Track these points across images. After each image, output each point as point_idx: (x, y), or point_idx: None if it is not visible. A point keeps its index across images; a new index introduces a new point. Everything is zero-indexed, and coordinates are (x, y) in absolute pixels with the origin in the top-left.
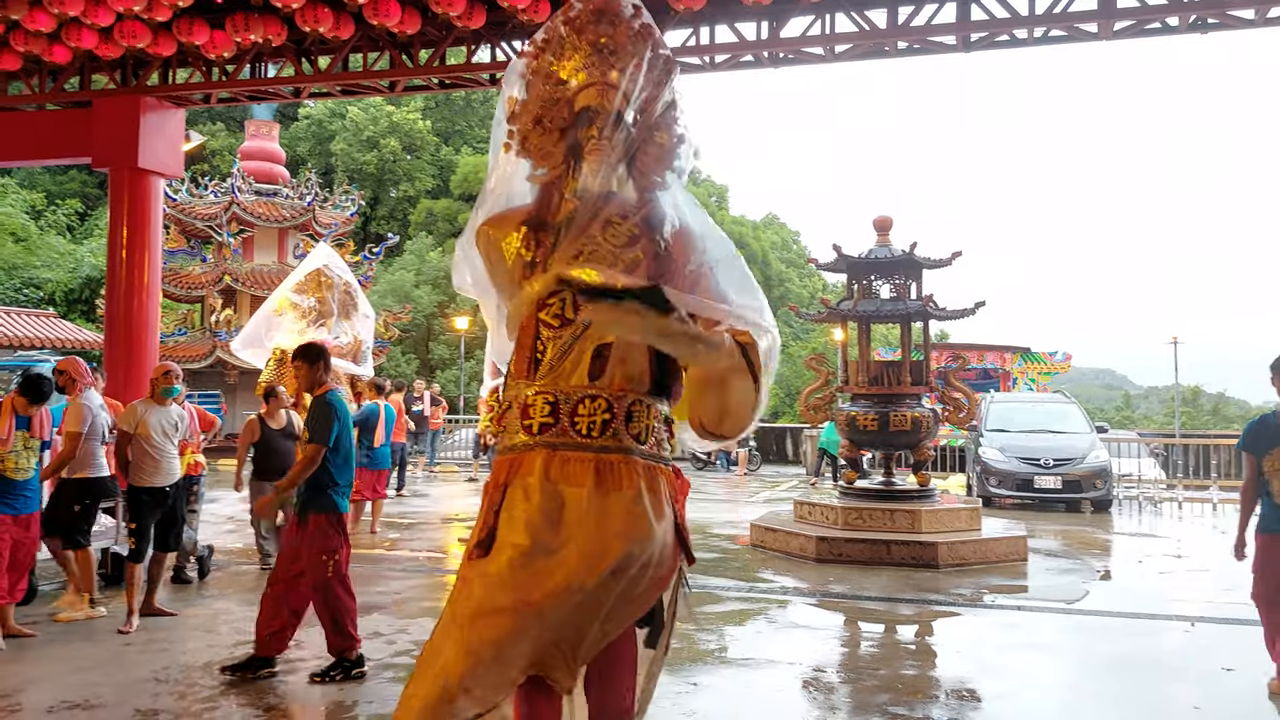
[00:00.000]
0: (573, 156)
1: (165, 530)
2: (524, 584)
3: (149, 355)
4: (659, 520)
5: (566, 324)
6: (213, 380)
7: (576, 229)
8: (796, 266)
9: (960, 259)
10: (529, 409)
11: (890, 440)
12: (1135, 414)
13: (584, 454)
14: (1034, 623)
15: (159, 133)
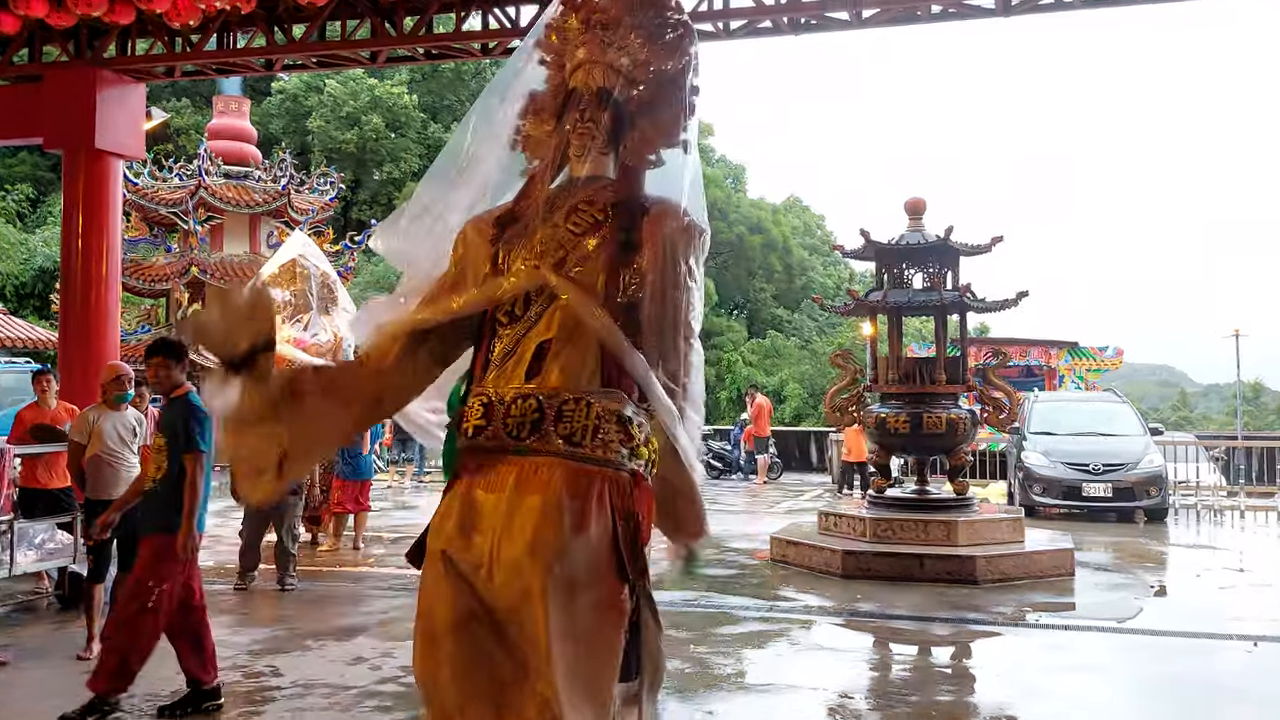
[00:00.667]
0: (563, 145)
1: (130, 547)
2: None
3: (108, 355)
4: (578, 530)
5: (515, 321)
6: None
7: (544, 219)
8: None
9: (1001, 245)
10: (469, 412)
11: (923, 444)
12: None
13: (509, 457)
14: (1082, 643)
15: (117, 110)
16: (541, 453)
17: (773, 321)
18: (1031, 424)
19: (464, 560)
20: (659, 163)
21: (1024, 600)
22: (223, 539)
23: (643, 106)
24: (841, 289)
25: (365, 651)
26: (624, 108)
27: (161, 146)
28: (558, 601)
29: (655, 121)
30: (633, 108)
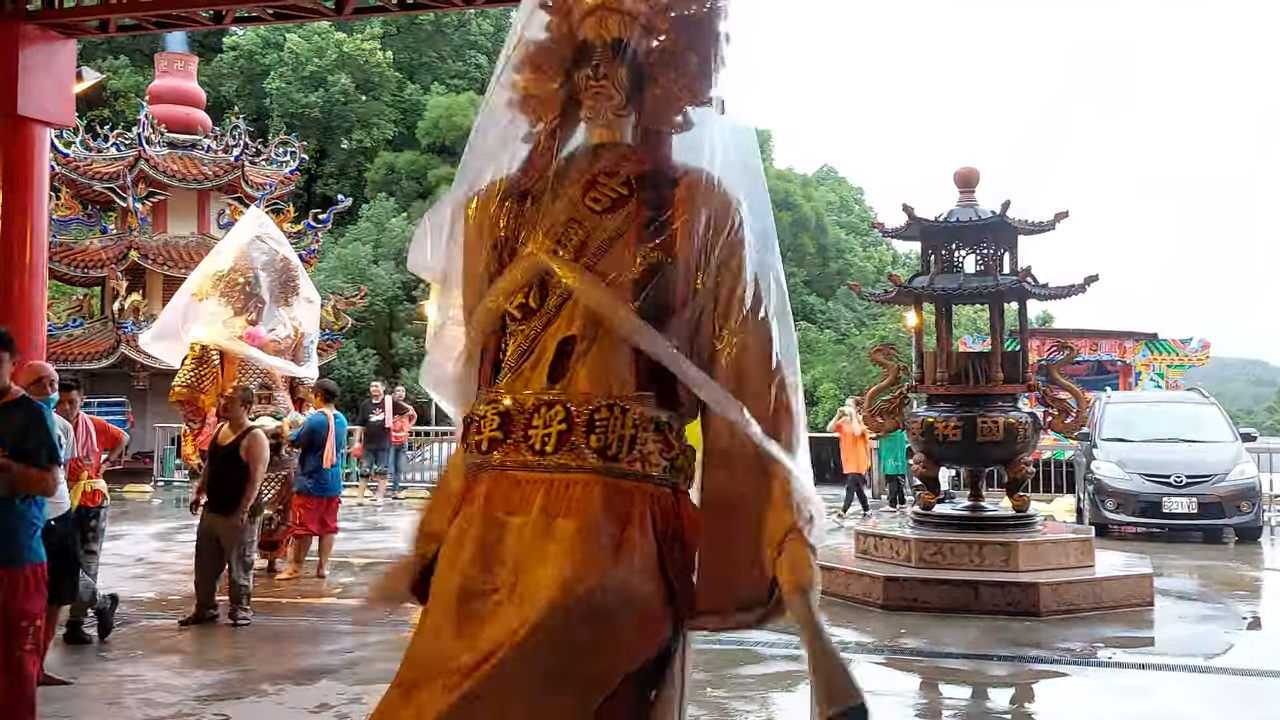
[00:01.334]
0: (571, 105)
1: (56, 577)
2: (447, 648)
3: (33, 353)
4: (619, 556)
5: (531, 314)
6: (117, 383)
7: (559, 194)
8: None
9: (1066, 221)
10: (480, 423)
11: (977, 453)
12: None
13: (534, 474)
14: (1162, 685)
15: (43, 70)
16: (572, 469)
17: (804, 311)
18: (1103, 429)
19: (482, 595)
20: (687, 125)
21: (1095, 635)
22: (165, 565)
23: (665, 59)
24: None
25: (330, 697)
26: (643, 61)
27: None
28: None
29: (681, 76)
30: (653, 61)
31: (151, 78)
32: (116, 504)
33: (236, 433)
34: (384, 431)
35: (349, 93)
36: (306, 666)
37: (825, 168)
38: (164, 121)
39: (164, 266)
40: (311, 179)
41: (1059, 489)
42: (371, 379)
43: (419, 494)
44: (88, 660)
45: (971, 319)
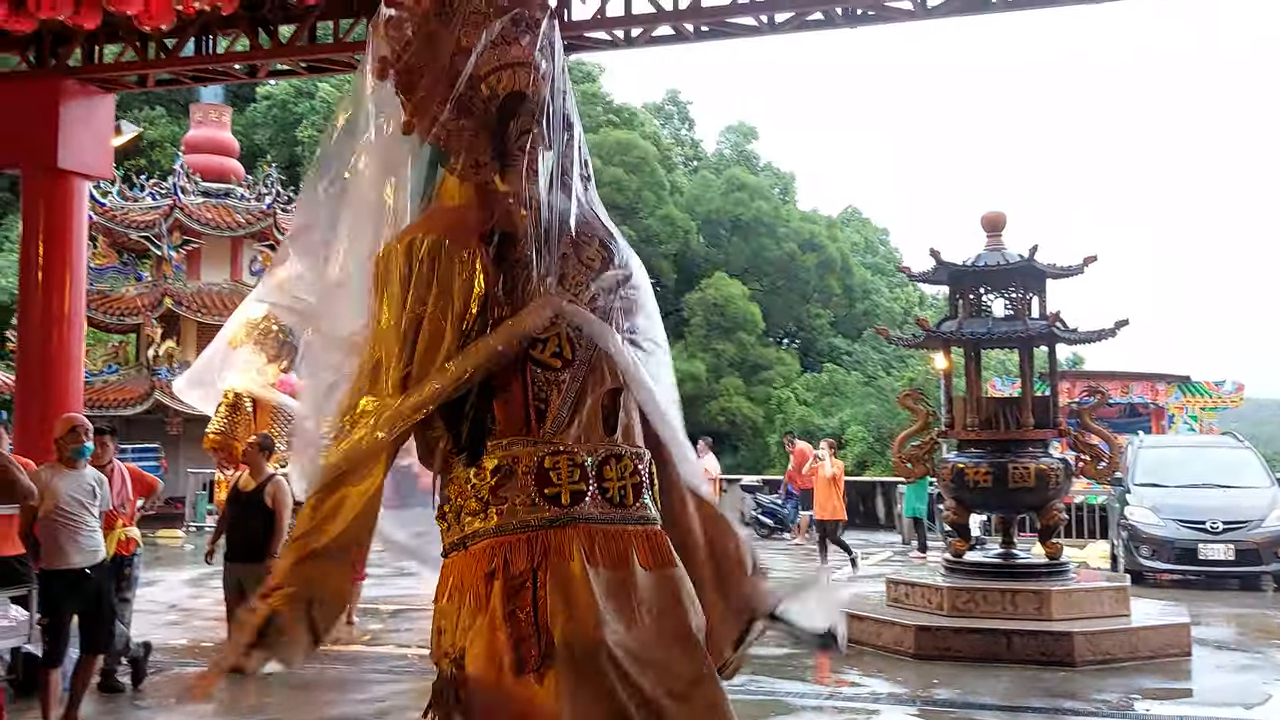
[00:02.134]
0: (498, 154)
1: (91, 626)
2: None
3: (71, 399)
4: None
5: (568, 365)
6: (151, 430)
7: (551, 247)
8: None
9: (1095, 265)
10: (549, 474)
11: (1009, 500)
12: None
13: (624, 528)
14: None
15: (83, 124)
16: (650, 520)
17: (830, 353)
18: (1136, 474)
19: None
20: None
21: (1131, 685)
22: (197, 612)
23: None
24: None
25: None
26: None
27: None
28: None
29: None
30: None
31: (186, 128)
32: (149, 550)
33: (258, 480)
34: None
35: None
36: (336, 715)
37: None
38: (199, 170)
39: (198, 313)
40: None
41: (1092, 535)
42: None
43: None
44: (121, 709)
45: (1001, 361)
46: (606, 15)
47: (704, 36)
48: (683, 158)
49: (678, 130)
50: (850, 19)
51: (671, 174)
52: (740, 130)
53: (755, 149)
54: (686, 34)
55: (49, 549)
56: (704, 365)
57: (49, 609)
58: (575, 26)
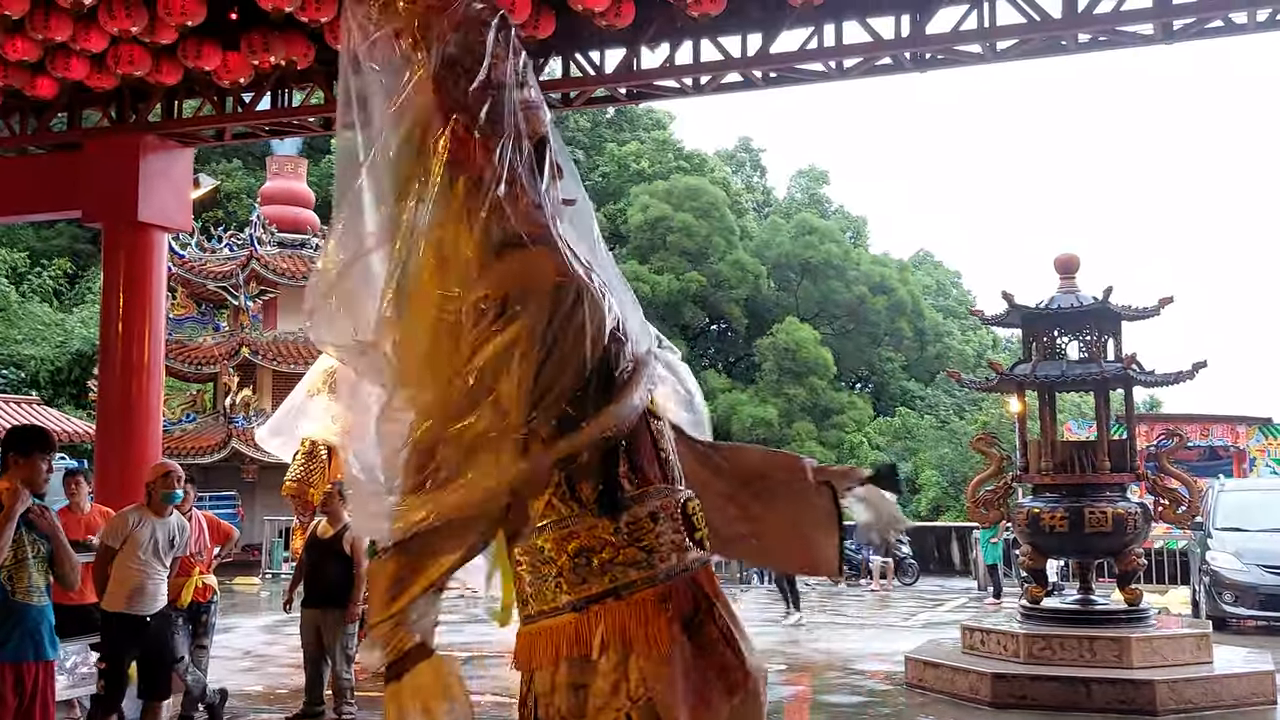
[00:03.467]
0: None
1: (152, 671)
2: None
3: (150, 448)
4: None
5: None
6: (228, 477)
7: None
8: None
9: (1171, 306)
10: (693, 519)
11: (1086, 545)
12: None
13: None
14: None
15: (163, 178)
16: (709, 558)
17: (903, 397)
18: (1217, 518)
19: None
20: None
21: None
22: (273, 658)
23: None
24: (983, 358)
25: None
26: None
27: (210, 214)
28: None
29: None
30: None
31: (263, 180)
32: (225, 597)
33: (336, 527)
34: None
35: None
36: None
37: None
38: (275, 221)
39: (274, 362)
40: None
41: (1173, 580)
42: None
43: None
44: None
45: (1076, 404)
46: (675, 63)
47: (773, 83)
48: (753, 203)
49: (749, 177)
50: (919, 64)
51: (742, 219)
52: (811, 175)
53: (826, 193)
54: (755, 81)
55: (116, 591)
56: (776, 410)
57: (110, 654)
58: (645, 75)
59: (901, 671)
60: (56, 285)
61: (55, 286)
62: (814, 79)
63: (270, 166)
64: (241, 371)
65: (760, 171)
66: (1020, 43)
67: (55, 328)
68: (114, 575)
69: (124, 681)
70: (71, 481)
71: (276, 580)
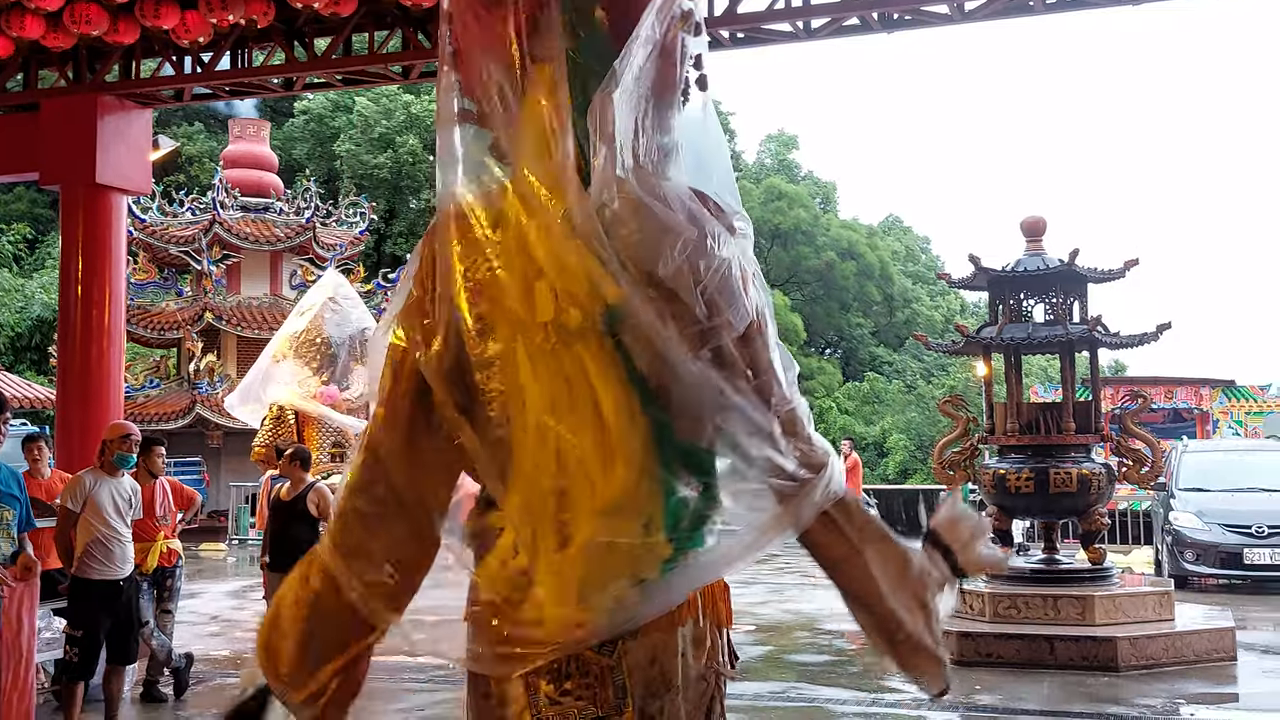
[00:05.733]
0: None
1: (123, 636)
2: None
3: (111, 413)
4: None
5: None
6: (192, 443)
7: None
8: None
9: (1136, 268)
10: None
11: (1051, 505)
12: None
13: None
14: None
15: (121, 139)
16: None
17: (872, 362)
18: (1180, 479)
19: None
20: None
21: (1176, 691)
22: (239, 623)
23: None
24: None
25: None
26: None
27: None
28: None
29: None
30: None
31: (225, 143)
32: (191, 562)
33: (298, 489)
34: None
35: (417, 153)
36: None
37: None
38: (237, 185)
39: (238, 327)
40: (381, 239)
41: (1136, 540)
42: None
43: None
44: (162, 718)
45: (1043, 367)
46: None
47: (740, 44)
48: None
49: None
50: (887, 24)
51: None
52: (780, 139)
53: (796, 158)
54: (722, 41)
55: (86, 558)
56: None
57: (85, 621)
58: None
59: None
60: (16, 250)
61: (15, 252)
62: (781, 39)
63: (232, 129)
64: (205, 337)
65: (729, 135)
66: (988, 3)
67: (15, 293)
68: (80, 540)
69: (98, 648)
70: (33, 447)
71: (243, 546)
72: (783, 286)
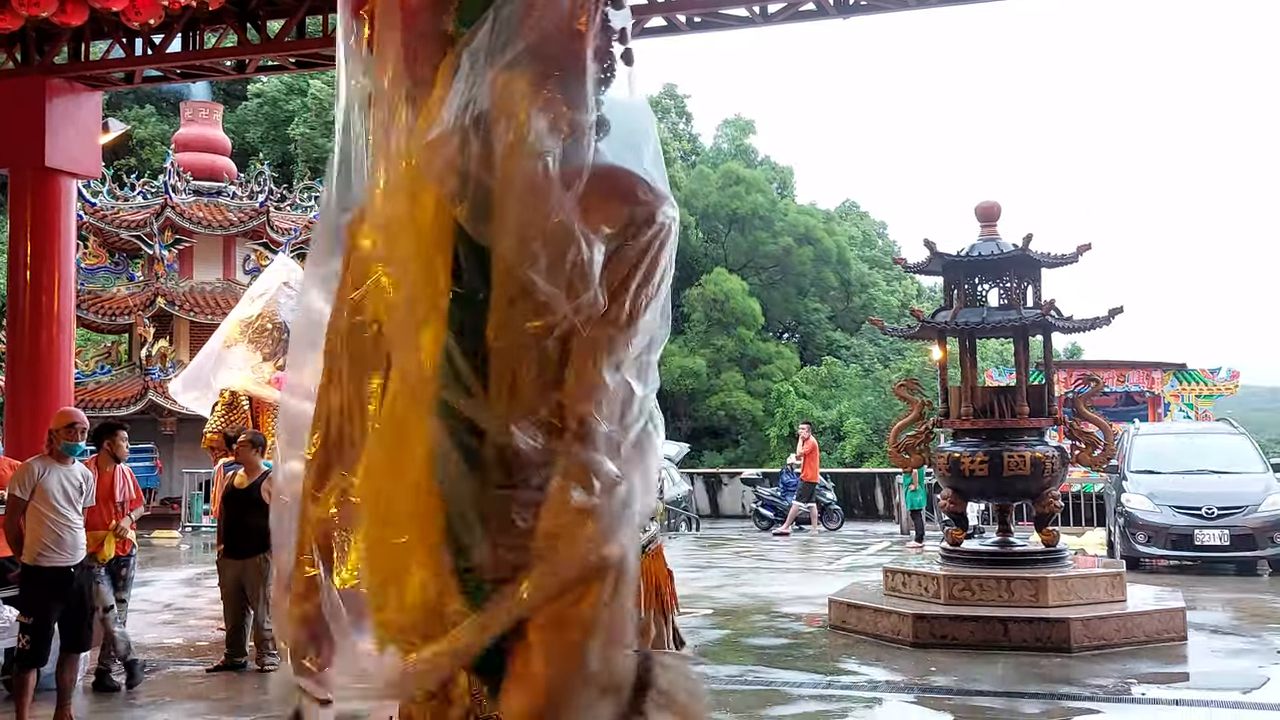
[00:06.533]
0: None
1: (75, 624)
2: None
3: (61, 400)
4: None
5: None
6: (145, 430)
7: None
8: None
9: (1089, 253)
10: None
11: (1005, 488)
12: None
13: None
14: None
15: (70, 122)
16: None
17: (829, 346)
18: (1132, 461)
19: None
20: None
21: (1127, 670)
22: (193, 611)
23: None
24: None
25: None
26: None
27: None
28: None
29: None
30: None
31: (177, 126)
32: (144, 550)
33: (253, 476)
34: None
35: None
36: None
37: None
38: (190, 169)
39: (190, 312)
40: None
41: (1089, 522)
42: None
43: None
44: (116, 707)
45: (998, 351)
46: None
47: (696, 28)
48: (680, 152)
49: (675, 124)
50: (843, 9)
51: (670, 168)
52: (738, 124)
53: (753, 143)
54: (678, 25)
55: (36, 546)
56: (704, 360)
57: (36, 608)
58: None
59: (825, 614)
60: None
61: None
62: (738, 24)
63: (184, 112)
64: (157, 322)
65: (686, 119)
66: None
67: None
68: (30, 528)
69: (50, 635)
70: None
71: (197, 533)
72: (740, 271)
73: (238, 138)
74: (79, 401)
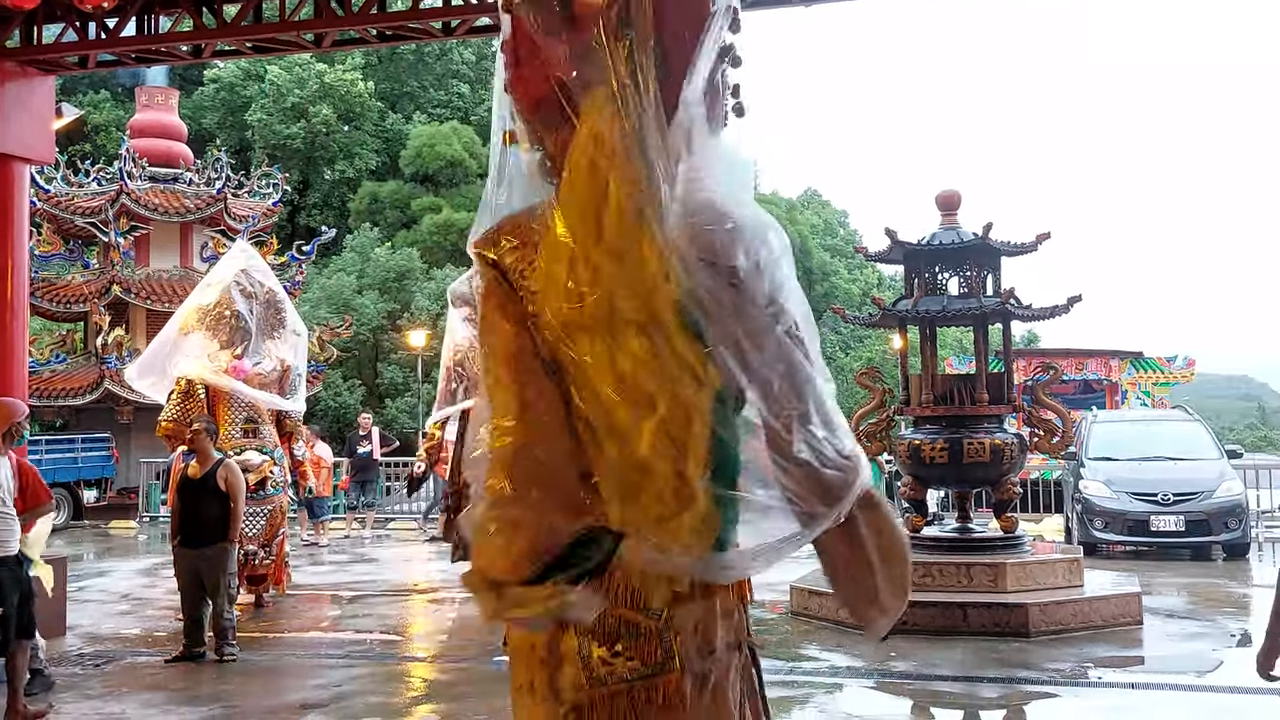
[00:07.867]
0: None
1: (22, 611)
2: None
3: (14, 389)
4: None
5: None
6: (101, 419)
7: None
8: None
9: (1049, 242)
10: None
11: (964, 475)
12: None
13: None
14: (1153, 704)
15: (22, 107)
16: None
17: None
18: (1090, 448)
19: None
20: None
21: (1084, 654)
22: (150, 601)
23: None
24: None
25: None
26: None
27: (77, 147)
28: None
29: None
30: None
31: (132, 112)
32: (101, 540)
33: (207, 466)
34: (372, 463)
35: (331, 123)
36: (293, 701)
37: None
38: (145, 155)
39: (147, 300)
40: (295, 210)
41: (1048, 509)
42: (357, 409)
43: (406, 526)
44: (73, 697)
45: (958, 339)
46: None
47: None
48: None
49: None
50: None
51: None
52: None
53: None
54: None
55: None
56: None
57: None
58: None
59: (787, 600)
60: None
61: None
62: None
63: (140, 98)
64: (113, 310)
65: None
66: None
67: None
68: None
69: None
70: None
71: (154, 523)
72: None
73: (194, 123)
74: (34, 391)
